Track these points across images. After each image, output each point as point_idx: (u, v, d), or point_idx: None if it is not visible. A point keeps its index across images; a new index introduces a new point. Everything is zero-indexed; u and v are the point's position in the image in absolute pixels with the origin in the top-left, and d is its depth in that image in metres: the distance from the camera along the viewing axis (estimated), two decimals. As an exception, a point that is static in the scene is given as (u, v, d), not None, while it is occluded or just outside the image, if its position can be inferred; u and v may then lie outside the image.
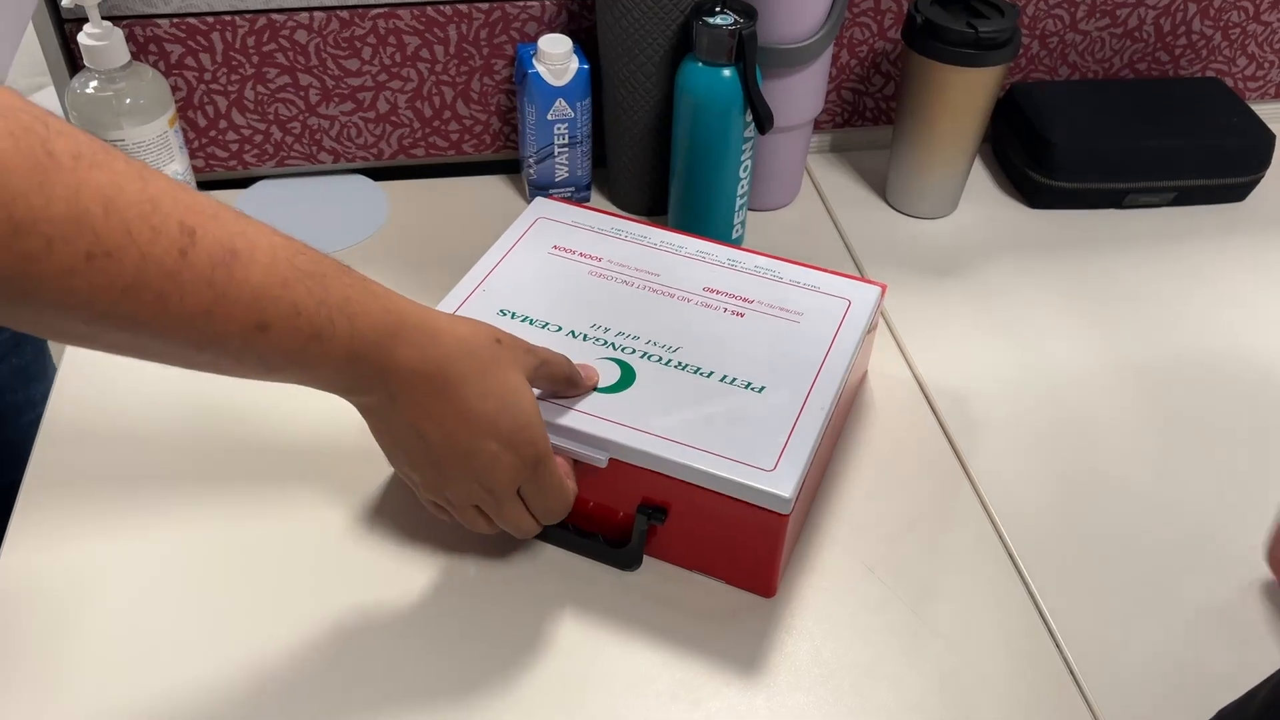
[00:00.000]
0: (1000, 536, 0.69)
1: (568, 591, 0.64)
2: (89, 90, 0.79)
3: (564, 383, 0.62)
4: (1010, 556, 0.68)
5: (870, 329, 0.72)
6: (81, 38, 0.78)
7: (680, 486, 0.62)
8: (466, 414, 0.53)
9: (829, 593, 0.65)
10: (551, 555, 0.66)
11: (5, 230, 0.36)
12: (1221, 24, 1.04)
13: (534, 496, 0.59)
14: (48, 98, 0.91)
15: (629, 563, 0.65)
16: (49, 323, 0.41)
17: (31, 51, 0.85)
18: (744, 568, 0.64)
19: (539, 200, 0.81)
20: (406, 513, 0.68)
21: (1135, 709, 0.60)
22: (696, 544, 0.65)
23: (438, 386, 0.52)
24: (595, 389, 0.65)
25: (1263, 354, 0.83)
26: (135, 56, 0.84)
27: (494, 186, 0.97)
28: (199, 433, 0.73)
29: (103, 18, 0.78)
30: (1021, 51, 1.01)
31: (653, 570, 0.66)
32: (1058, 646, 0.63)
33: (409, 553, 0.66)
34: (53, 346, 0.90)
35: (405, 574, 0.65)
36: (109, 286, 0.40)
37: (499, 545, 0.66)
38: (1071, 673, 0.61)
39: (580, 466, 0.63)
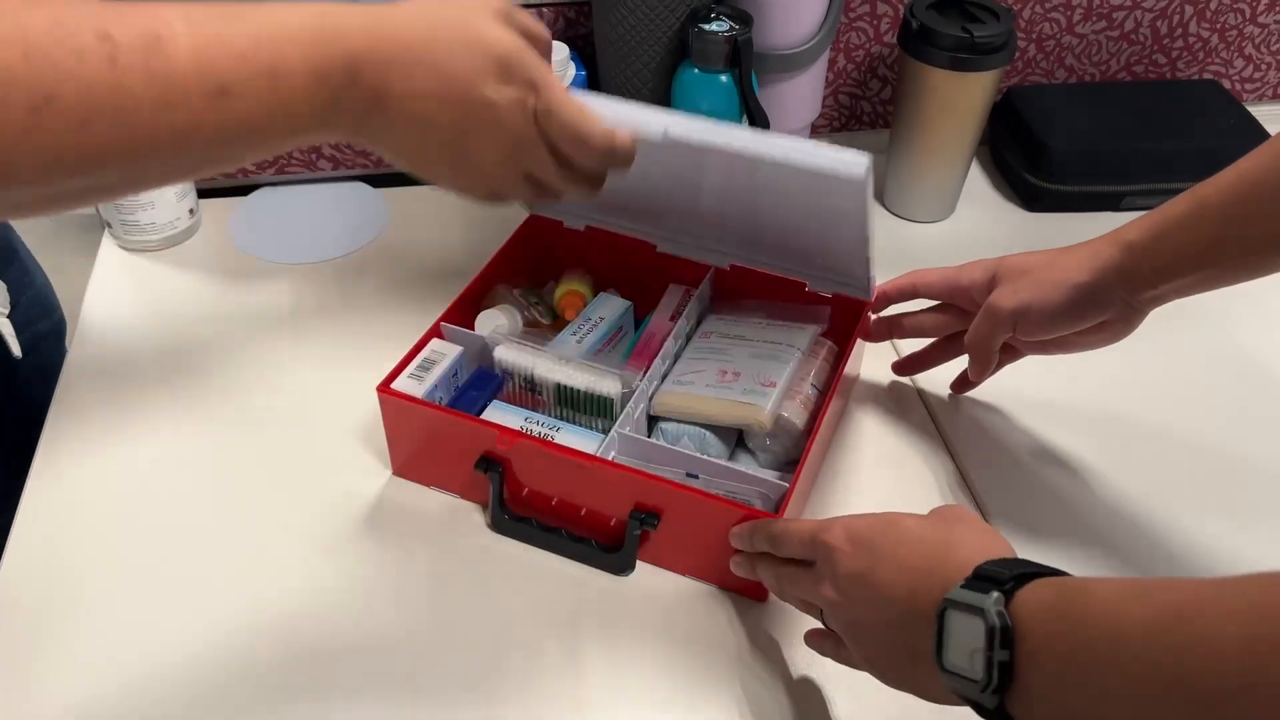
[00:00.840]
0: (995, 539, 0.69)
1: (561, 596, 0.65)
2: (90, 100, 0.80)
3: (543, 45, 0.57)
4: (1005, 559, 0.68)
5: (863, 333, 0.73)
6: (82, 48, 0.78)
7: (673, 491, 0.62)
8: (449, 75, 0.51)
9: (823, 596, 0.65)
10: (544, 560, 0.67)
11: None
12: (1218, 26, 1.04)
13: (551, 124, 0.54)
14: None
15: (622, 567, 0.65)
16: (45, 192, 0.41)
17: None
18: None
19: None
20: (404, 515, 0.68)
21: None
22: (690, 549, 0.65)
23: (411, 58, 0.50)
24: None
25: (1264, 354, 0.83)
26: (136, 66, 0.85)
27: (493, 192, 0.98)
28: (202, 437, 0.74)
29: (103, 28, 0.79)
30: (1018, 54, 1.02)
31: (646, 575, 0.66)
32: (1051, 649, 0.63)
33: (404, 556, 0.66)
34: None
35: (397, 578, 0.65)
36: (66, 129, 0.39)
37: (493, 547, 0.67)
38: (1065, 675, 0.62)
39: (577, 468, 0.63)
